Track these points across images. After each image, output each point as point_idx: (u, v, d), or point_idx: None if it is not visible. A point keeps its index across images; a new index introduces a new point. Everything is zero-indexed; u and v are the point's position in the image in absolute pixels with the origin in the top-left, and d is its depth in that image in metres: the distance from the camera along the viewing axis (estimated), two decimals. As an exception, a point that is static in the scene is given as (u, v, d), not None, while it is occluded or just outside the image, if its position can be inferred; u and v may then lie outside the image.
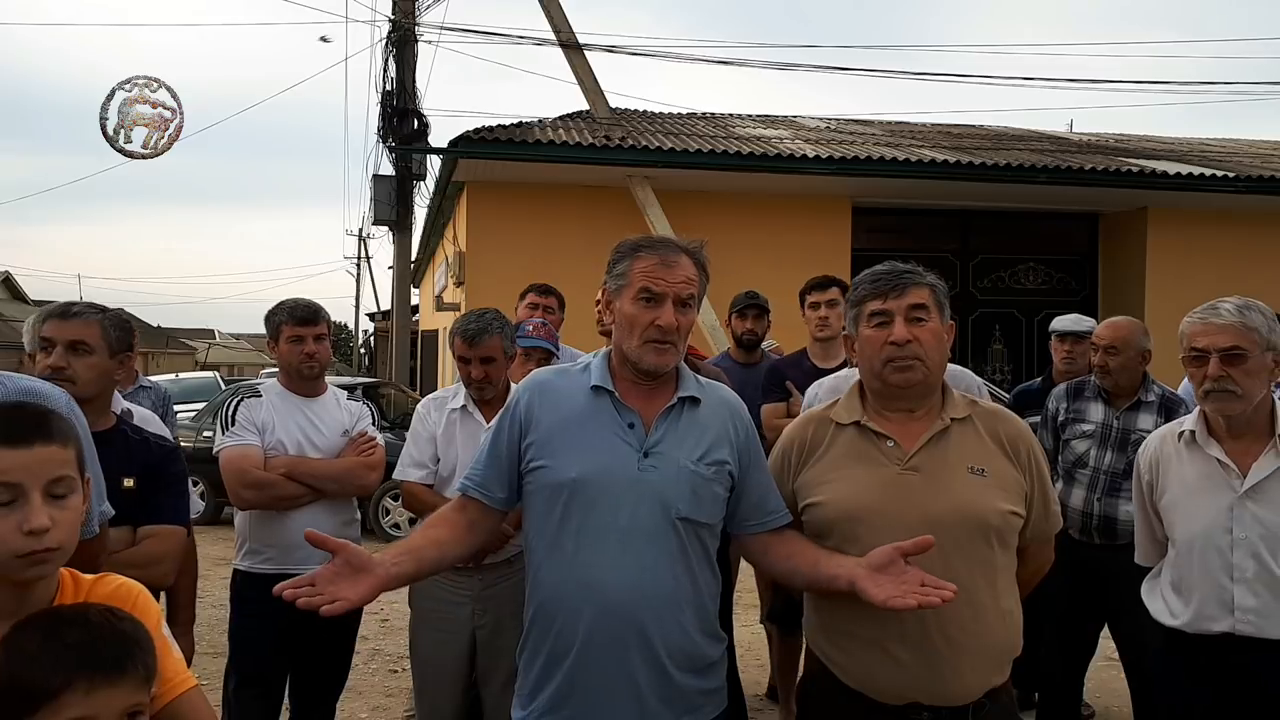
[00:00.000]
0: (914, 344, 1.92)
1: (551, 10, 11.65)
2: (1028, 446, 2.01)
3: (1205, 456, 2.34)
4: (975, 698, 1.91)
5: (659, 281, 1.90)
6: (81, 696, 1.23)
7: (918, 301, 1.95)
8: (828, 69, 22.80)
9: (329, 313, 3.38)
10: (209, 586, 6.22)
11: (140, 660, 1.30)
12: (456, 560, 2.12)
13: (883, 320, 1.96)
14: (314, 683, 3.25)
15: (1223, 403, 2.27)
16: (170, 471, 2.47)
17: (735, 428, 1.99)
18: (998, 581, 1.94)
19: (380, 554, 1.89)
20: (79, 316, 2.45)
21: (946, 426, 1.97)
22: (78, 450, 1.41)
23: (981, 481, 1.93)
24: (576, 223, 9.94)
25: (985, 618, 1.90)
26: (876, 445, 1.98)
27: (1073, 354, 4.46)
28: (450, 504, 2.09)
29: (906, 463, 1.95)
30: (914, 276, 1.99)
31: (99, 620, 1.30)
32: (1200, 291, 5.86)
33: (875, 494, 1.93)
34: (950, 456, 1.95)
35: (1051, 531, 2.07)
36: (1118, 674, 3.93)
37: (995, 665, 1.95)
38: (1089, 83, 27.01)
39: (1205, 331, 2.29)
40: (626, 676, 1.86)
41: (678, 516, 1.88)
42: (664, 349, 1.90)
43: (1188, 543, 2.35)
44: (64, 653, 1.24)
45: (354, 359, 37.12)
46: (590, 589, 1.86)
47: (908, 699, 1.89)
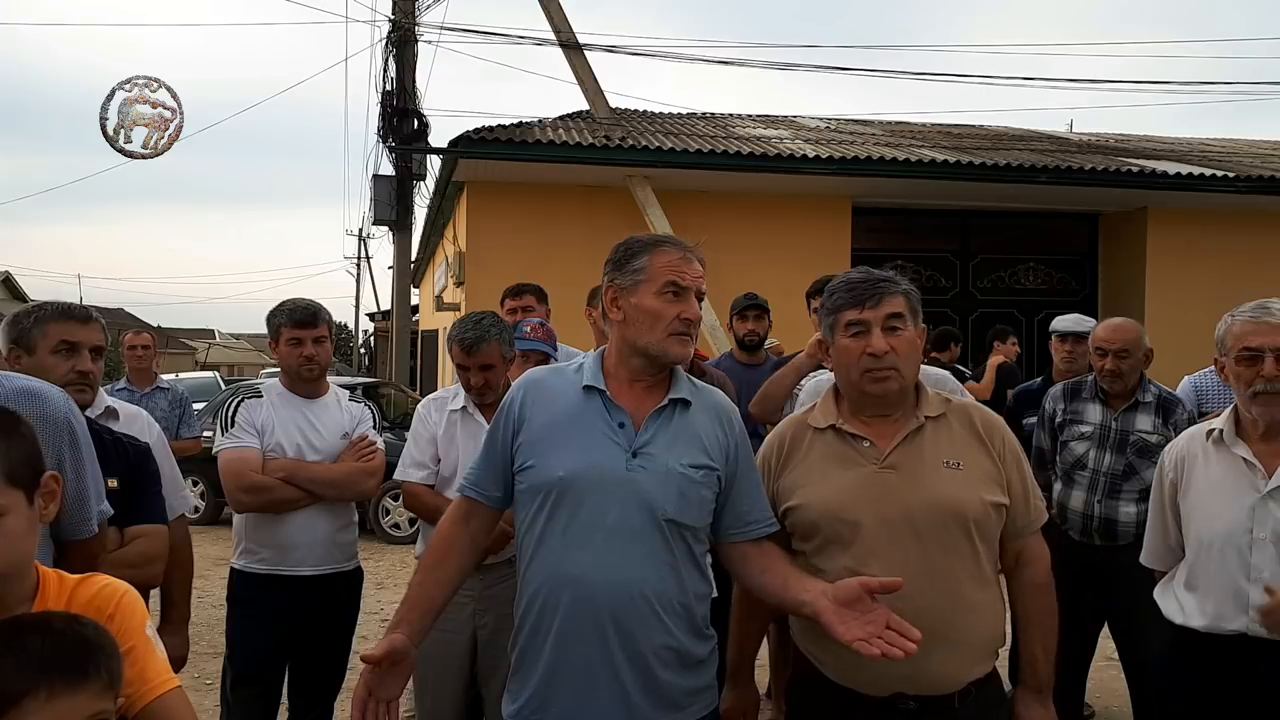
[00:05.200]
0: (891, 354, 1.96)
1: (551, 10, 11.64)
2: (1002, 437, 2.05)
3: (1231, 456, 2.33)
4: (959, 687, 1.94)
5: (684, 275, 1.94)
6: (42, 704, 1.21)
7: (894, 311, 1.98)
8: (828, 69, 22.82)
9: (330, 313, 3.37)
10: (208, 586, 6.22)
11: (103, 666, 1.28)
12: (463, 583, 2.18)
13: (859, 330, 1.98)
14: (312, 682, 3.25)
15: (1275, 404, 2.24)
16: (149, 471, 2.48)
17: (726, 433, 2.00)
18: (978, 573, 1.97)
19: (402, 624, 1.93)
20: (95, 321, 2.47)
21: (921, 425, 2.01)
22: (6, 468, 1.36)
23: (958, 474, 1.97)
24: (576, 223, 9.93)
25: (966, 609, 1.94)
26: (853, 447, 2.02)
27: (1073, 354, 4.45)
28: (451, 516, 2.09)
29: (883, 461, 1.98)
30: (889, 285, 2.01)
31: (61, 627, 1.28)
32: (1200, 291, 5.82)
33: (854, 493, 1.97)
34: (926, 453, 1.99)
35: (1036, 523, 2.08)
36: (1118, 674, 3.93)
37: (978, 655, 1.98)
38: (1089, 83, 27.11)
39: (1259, 331, 2.26)
40: (610, 672, 1.87)
41: (664, 518, 1.89)
42: (687, 340, 1.95)
43: (1207, 542, 2.33)
44: (25, 660, 1.22)
45: (354, 359, 37.10)
46: (575, 584, 1.88)
47: (892, 690, 1.93)
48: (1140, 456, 3.52)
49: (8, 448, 1.38)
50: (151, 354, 5.90)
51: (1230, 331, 2.32)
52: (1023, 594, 2.09)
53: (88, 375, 2.41)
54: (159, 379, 5.91)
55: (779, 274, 8.09)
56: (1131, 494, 3.53)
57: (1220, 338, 2.36)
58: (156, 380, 5.85)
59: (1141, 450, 3.52)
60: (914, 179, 10.49)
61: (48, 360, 2.36)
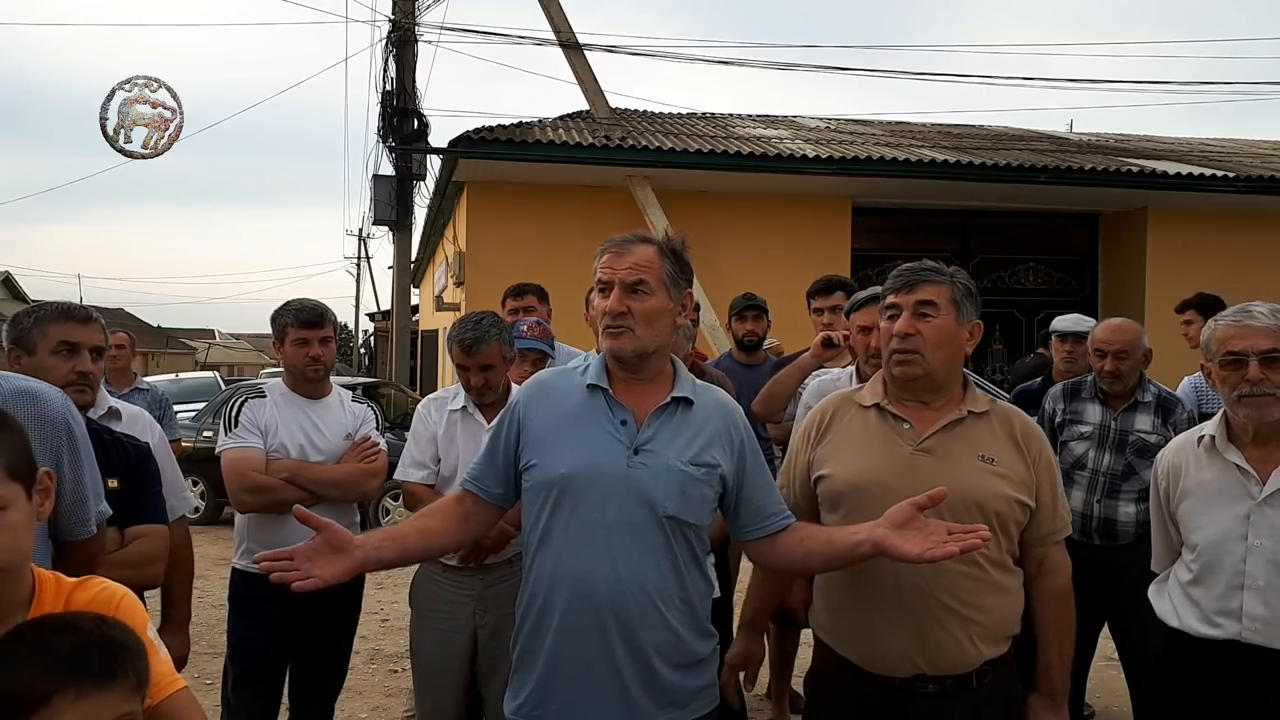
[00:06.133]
0: (914, 337, 2.01)
1: (552, 10, 11.65)
2: (1039, 445, 2.10)
3: (1224, 462, 2.30)
4: (977, 665, 1.98)
5: (608, 270, 1.98)
6: (70, 703, 1.20)
7: (926, 298, 2.05)
8: (828, 69, 22.77)
9: (335, 314, 3.36)
10: (209, 586, 6.22)
11: (131, 667, 1.27)
12: (444, 550, 2.19)
13: (894, 314, 2.07)
14: (312, 682, 3.25)
15: (1262, 407, 2.22)
16: (149, 471, 2.48)
17: (731, 432, 2.01)
18: (1000, 559, 2.01)
19: (364, 535, 1.96)
20: (96, 321, 2.47)
21: (963, 417, 2.05)
22: (6, 462, 1.37)
23: (990, 469, 2.01)
24: (576, 223, 9.93)
25: (984, 591, 1.98)
26: (893, 427, 2.08)
27: (1074, 354, 4.45)
28: (450, 495, 2.15)
29: (919, 444, 2.04)
30: (930, 274, 2.09)
31: (88, 627, 1.28)
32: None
33: (885, 470, 2.02)
34: (962, 443, 2.04)
35: (1060, 533, 2.11)
36: (1118, 674, 3.93)
37: (994, 638, 2.01)
38: (1089, 83, 27.16)
39: (1243, 335, 2.24)
40: (611, 668, 1.88)
41: (664, 515, 1.90)
42: (617, 332, 1.94)
43: (1201, 548, 2.32)
44: (52, 660, 1.22)
45: (354, 359, 37.11)
46: (575, 580, 1.89)
47: (912, 671, 1.97)
48: (1139, 456, 3.52)
49: (5, 443, 1.38)
50: (128, 354, 5.75)
51: (1214, 336, 2.30)
52: (1043, 601, 2.10)
53: (88, 376, 2.41)
54: (138, 379, 5.80)
55: (779, 274, 8.10)
56: (1131, 494, 3.53)
57: (1205, 343, 2.34)
58: (135, 381, 5.70)
59: (1141, 450, 3.52)
60: (914, 179, 10.49)
61: (48, 361, 2.36)
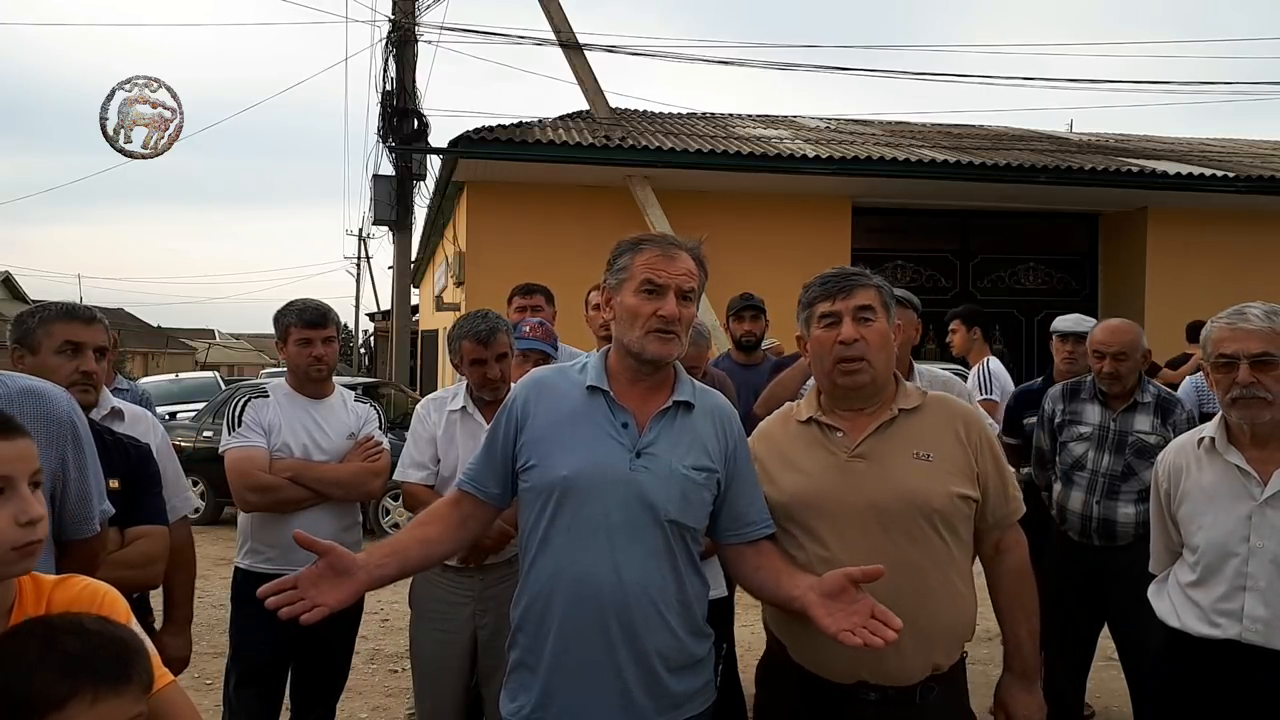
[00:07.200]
0: (860, 343, 2.01)
1: (552, 10, 11.66)
2: (978, 429, 2.08)
3: (1225, 464, 2.30)
4: (921, 678, 1.97)
5: (661, 273, 1.94)
6: (87, 706, 1.19)
7: (864, 303, 2.04)
8: (828, 69, 22.75)
9: (337, 314, 3.36)
10: (209, 586, 6.23)
11: (141, 669, 1.27)
12: (444, 557, 2.18)
13: (831, 321, 2.05)
14: (314, 682, 3.25)
15: (1252, 410, 2.22)
16: (149, 472, 2.48)
17: (725, 436, 2.01)
18: (946, 564, 1.99)
19: (365, 553, 1.95)
20: (99, 321, 2.48)
21: (894, 416, 2.04)
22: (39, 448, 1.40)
23: (927, 466, 2.00)
24: (576, 223, 9.94)
25: (931, 599, 1.97)
26: (827, 437, 2.07)
27: (1074, 354, 4.46)
28: (446, 498, 2.14)
29: (853, 451, 2.03)
30: (860, 278, 2.08)
31: (95, 628, 1.27)
32: (1200, 291, 5.84)
33: (821, 482, 2.02)
34: (896, 444, 2.03)
35: (1013, 515, 2.10)
36: (1118, 674, 3.93)
37: (942, 646, 2.00)
38: (1089, 83, 27.18)
39: (1234, 337, 2.23)
40: (613, 671, 1.88)
41: (667, 518, 1.90)
42: (667, 338, 1.93)
43: (1204, 549, 2.32)
44: (66, 663, 1.20)
45: (354, 359, 37.09)
46: (578, 582, 1.89)
47: (856, 677, 1.96)
48: (1139, 457, 3.52)
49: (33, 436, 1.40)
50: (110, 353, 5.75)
51: (1209, 337, 2.30)
52: (1002, 580, 2.11)
53: (91, 375, 2.42)
54: (118, 379, 5.80)
55: (779, 274, 8.07)
56: (1130, 494, 3.53)
57: (1203, 343, 2.35)
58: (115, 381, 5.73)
59: (1140, 451, 3.52)
60: (914, 179, 10.50)
61: (51, 360, 2.36)
